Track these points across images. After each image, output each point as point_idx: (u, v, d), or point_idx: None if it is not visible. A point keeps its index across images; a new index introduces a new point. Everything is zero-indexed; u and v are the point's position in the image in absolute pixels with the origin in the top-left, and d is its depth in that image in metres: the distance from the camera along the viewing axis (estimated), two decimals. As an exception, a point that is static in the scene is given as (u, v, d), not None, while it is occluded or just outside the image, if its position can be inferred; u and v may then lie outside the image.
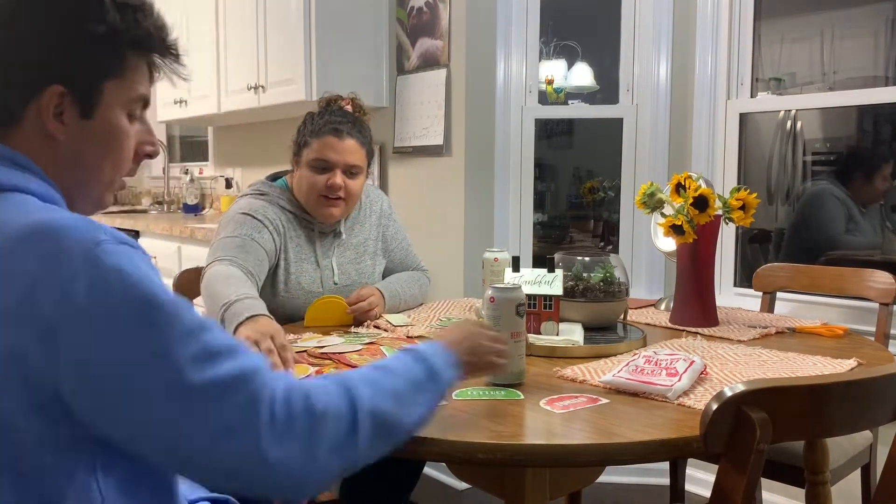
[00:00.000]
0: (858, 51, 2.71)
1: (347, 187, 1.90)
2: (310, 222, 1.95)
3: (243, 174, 4.22)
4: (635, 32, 2.89)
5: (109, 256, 0.76)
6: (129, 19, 0.89)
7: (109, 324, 0.75)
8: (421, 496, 2.01)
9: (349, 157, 1.89)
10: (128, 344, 0.75)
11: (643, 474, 2.84)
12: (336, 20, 3.05)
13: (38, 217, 0.79)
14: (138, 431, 0.78)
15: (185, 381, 0.76)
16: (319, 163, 1.88)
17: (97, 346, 0.75)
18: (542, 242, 3.49)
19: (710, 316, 1.82)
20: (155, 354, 0.76)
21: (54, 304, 0.74)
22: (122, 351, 0.75)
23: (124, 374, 0.75)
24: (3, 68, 0.87)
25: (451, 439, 1.02)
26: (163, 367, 0.76)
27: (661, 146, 2.85)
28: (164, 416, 0.76)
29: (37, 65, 0.86)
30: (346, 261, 2.00)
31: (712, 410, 0.89)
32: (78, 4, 0.87)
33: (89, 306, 0.74)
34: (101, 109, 0.90)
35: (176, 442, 0.77)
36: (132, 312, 0.76)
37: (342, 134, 1.88)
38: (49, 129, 0.87)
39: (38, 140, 0.88)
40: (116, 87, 0.90)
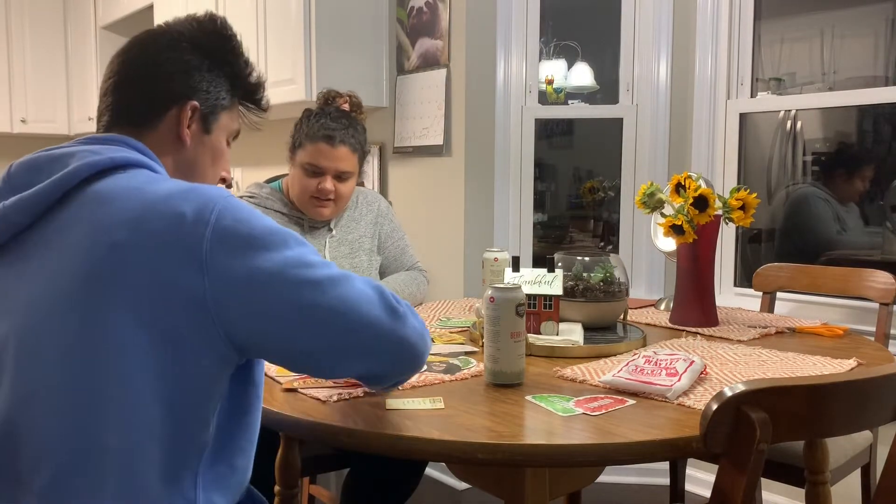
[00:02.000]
0: (858, 51, 2.70)
1: (337, 190, 1.95)
2: (300, 218, 2.02)
3: (243, 174, 4.22)
4: (635, 32, 2.89)
5: (240, 203, 0.96)
6: (247, 72, 1.16)
7: (253, 241, 0.92)
8: (421, 496, 2.01)
9: (340, 163, 1.93)
10: (270, 255, 0.93)
11: (643, 474, 2.84)
12: (336, 20, 3.05)
13: (181, 182, 0.98)
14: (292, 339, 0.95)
15: (314, 275, 0.94)
16: (311, 167, 1.93)
17: (246, 261, 0.91)
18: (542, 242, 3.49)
19: (710, 316, 1.82)
20: (285, 257, 0.93)
21: (205, 235, 0.90)
22: (267, 260, 0.92)
23: (267, 277, 0.92)
24: (158, 82, 1.08)
25: (451, 439, 1.02)
26: (293, 265, 0.94)
27: (661, 146, 2.85)
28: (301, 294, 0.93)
29: (184, 84, 1.09)
30: (341, 255, 2.04)
31: (712, 410, 0.89)
32: (221, 50, 1.13)
33: (234, 232, 0.92)
34: (216, 130, 1.14)
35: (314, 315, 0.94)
36: (269, 232, 0.94)
37: (334, 141, 1.92)
38: (181, 134, 1.09)
39: (168, 143, 1.09)
40: (226, 118, 1.15)
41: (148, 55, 1.10)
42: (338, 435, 1.08)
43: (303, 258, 0.95)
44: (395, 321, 1.00)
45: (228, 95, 1.14)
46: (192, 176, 1.12)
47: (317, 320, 0.94)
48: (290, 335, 0.95)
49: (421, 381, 1.29)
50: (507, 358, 1.27)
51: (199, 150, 1.12)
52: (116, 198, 0.94)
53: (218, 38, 1.13)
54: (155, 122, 1.08)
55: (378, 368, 1.03)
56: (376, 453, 1.08)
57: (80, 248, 0.92)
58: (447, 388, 1.27)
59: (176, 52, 1.09)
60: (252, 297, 0.92)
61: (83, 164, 0.96)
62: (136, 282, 0.89)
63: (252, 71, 1.17)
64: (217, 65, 1.12)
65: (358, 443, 1.07)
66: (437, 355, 1.48)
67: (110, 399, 0.89)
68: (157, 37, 1.11)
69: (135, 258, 0.90)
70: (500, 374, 1.27)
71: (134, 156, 1.01)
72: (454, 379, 1.32)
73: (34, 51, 4.71)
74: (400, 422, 1.09)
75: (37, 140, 4.75)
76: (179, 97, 1.09)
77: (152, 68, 1.09)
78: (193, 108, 1.09)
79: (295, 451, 1.35)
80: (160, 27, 1.14)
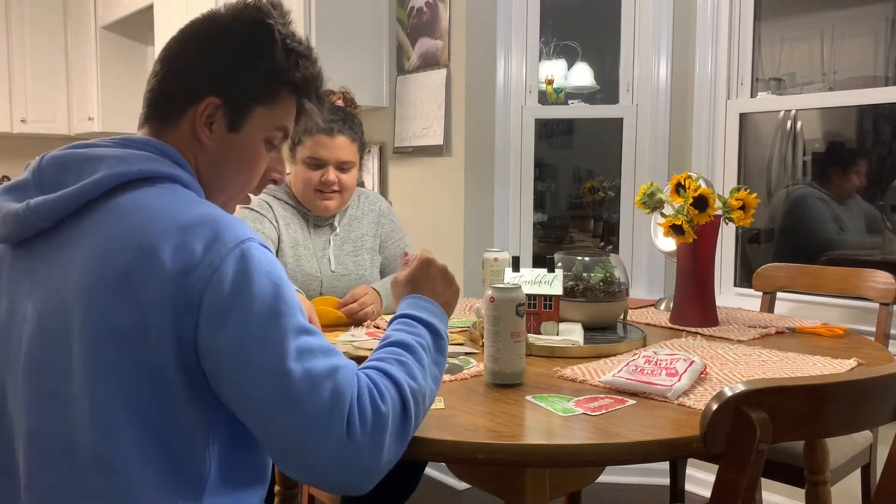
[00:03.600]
0: (858, 51, 2.70)
1: (341, 181, 1.99)
2: (305, 214, 2.05)
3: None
4: (635, 32, 2.89)
5: (255, 252, 0.91)
6: (293, 63, 1.05)
7: (244, 304, 0.88)
8: (421, 496, 2.01)
9: (340, 153, 1.97)
10: (253, 324, 0.88)
11: (643, 474, 2.84)
12: (336, 20, 3.05)
13: (206, 209, 0.94)
14: (244, 398, 0.90)
15: (287, 368, 0.88)
16: (312, 160, 1.97)
17: (231, 320, 0.88)
18: (542, 242, 3.49)
19: (710, 316, 1.82)
20: (271, 338, 0.89)
21: (206, 279, 0.88)
22: (248, 328, 0.88)
23: (244, 347, 0.88)
24: (177, 76, 1.03)
25: (451, 439, 1.02)
26: (274, 350, 0.89)
27: (661, 146, 2.85)
28: (265, 391, 0.88)
29: (202, 77, 1.02)
30: (344, 253, 2.07)
31: (712, 410, 0.89)
32: (253, 40, 1.03)
33: (232, 286, 0.88)
34: (246, 128, 1.04)
35: (270, 417, 0.89)
36: (265, 299, 0.89)
37: (333, 132, 1.96)
38: (198, 133, 1.02)
39: (189, 142, 1.03)
40: (264, 114, 1.05)
41: (180, 45, 1.04)
42: (338, 435, 1.08)
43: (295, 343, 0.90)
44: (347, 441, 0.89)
45: (268, 89, 1.04)
46: (217, 178, 1.06)
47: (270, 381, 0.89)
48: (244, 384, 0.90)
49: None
50: (507, 358, 1.26)
51: (224, 150, 1.04)
52: (136, 216, 0.91)
53: (255, 25, 1.03)
54: (176, 119, 1.03)
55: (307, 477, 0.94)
56: (376, 453, 1.08)
57: (90, 263, 0.90)
58: (447, 388, 1.27)
59: (204, 42, 1.03)
60: (231, 364, 0.89)
61: (110, 173, 0.94)
62: (131, 313, 0.88)
63: (300, 60, 1.06)
64: (252, 55, 1.03)
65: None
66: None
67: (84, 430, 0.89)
68: (197, 24, 1.05)
69: (136, 283, 0.88)
70: (500, 374, 1.27)
71: (163, 168, 0.98)
72: (454, 379, 1.32)
73: (34, 51, 4.70)
74: (400, 422, 1.09)
75: (37, 140, 4.75)
76: (201, 93, 1.02)
77: (178, 61, 1.04)
78: (213, 104, 1.02)
79: (295, 451, 1.34)
80: (205, 14, 1.06)
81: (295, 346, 0.90)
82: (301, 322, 0.92)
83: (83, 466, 0.89)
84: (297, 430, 0.88)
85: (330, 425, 0.88)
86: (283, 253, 1.98)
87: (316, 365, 0.90)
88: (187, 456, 0.92)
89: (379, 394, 0.93)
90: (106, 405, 0.88)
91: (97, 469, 0.89)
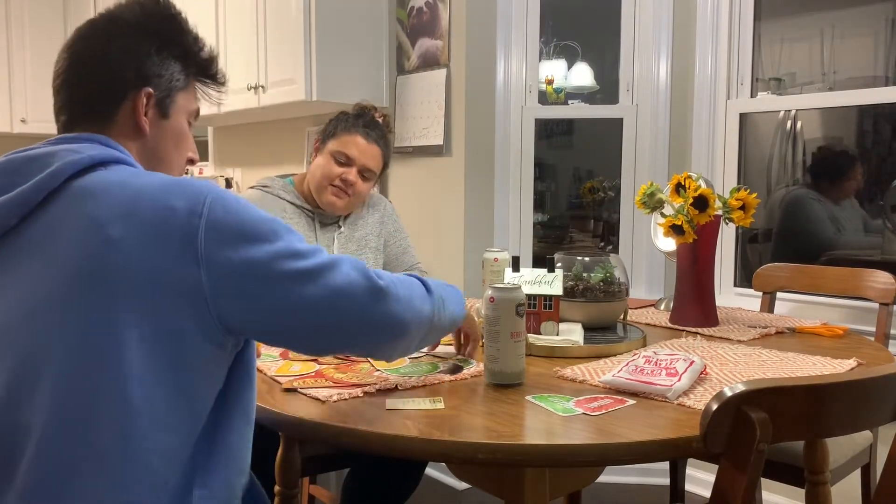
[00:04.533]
0: (858, 51, 2.70)
1: (357, 185, 2.00)
2: (311, 212, 2.05)
3: (243, 174, 4.22)
4: (635, 32, 2.89)
5: (229, 194, 0.99)
6: (198, 48, 1.14)
7: (245, 232, 0.95)
8: (421, 496, 2.01)
9: (369, 160, 2.01)
10: (260, 247, 0.95)
11: (643, 474, 2.84)
12: (336, 20, 3.05)
13: (166, 176, 0.99)
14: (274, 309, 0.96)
15: (305, 266, 0.97)
16: (341, 155, 1.99)
17: (238, 253, 0.94)
18: (542, 242, 3.49)
19: (710, 316, 1.82)
20: (276, 249, 0.96)
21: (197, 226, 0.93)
22: (257, 253, 0.95)
23: (260, 268, 0.95)
24: (109, 74, 1.06)
25: (451, 439, 1.02)
26: (283, 256, 0.96)
27: (661, 146, 2.85)
28: (292, 286, 0.96)
29: (133, 72, 1.07)
30: (348, 252, 2.09)
31: (712, 410, 0.89)
32: (172, 30, 1.11)
33: (225, 224, 0.94)
34: (174, 113, 1.12)
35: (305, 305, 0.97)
36: (260, 221, 0.97)
37: (370, 137, 2.01)
38: (139, 123, 1.08)
39: (129, 133, 1.08)
40: (183, 99, 1.13)
41: (94, 47, 1.07)
42: (338, 435, 1.08)
43: (292, 248, 0.98)
44: (378, 303, 1.02)
45: (182, 76, 1.12)
46: (157, 163, 1.11)
47: (307, 309, 0.98)
48: (283, 323, 0.98)
49: (421, 381, 1.29)
50: (507, 358, 1.27)
51: (160, 136, 1.11)
52: (103, 192, 0.94)
53: (162, 18, 1.11)
54: (113, 115, 1.07)
55: (370, 350, 1.09)
56: (376, 453, 1.08)
57: (73, 244, 0.92)
58: (447, 388, 1.27)
59: (123, 40, 1.07)
60: (246, 288, 0.94)
61: (66, 163, 0.97)
62: (133, 277, 0.91)
63: (203, 46, 1.15)
64: (165, 46, 1.10)
65: (358, 443, 1.07)
66: (435, 356, 1.48)
67: (112, 396, 0.90)
68: (101, 26, 1.09)
69: (130, 253, 0.91)
70: (500, 374, 1.27)
71: (112, 153, 1.02)
72: (454, 379, 1.32)
73: (34, 51, 4.70)
74: (400, 422, 1.09)
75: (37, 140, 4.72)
76: (133, 86, 1.07)
77: (101, 60, 1.07)
78: (148, 94, 1.08)
79: (295, 451, 1.35)
80: (103, 15, 1.11)
81: (314, 265, 0.98)
82: (300, 241, 1.01)
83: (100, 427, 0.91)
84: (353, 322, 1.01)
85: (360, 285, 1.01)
86: None
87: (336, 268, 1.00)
88: (195, 413, 0.97)
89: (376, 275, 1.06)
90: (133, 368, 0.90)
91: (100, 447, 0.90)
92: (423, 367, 1.38)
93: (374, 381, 1.27)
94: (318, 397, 1.19)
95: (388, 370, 1.36)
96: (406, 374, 1.33)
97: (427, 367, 1.38)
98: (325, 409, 1.15)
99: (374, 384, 1.26)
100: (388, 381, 1.28)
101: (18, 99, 4.66)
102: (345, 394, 1.20)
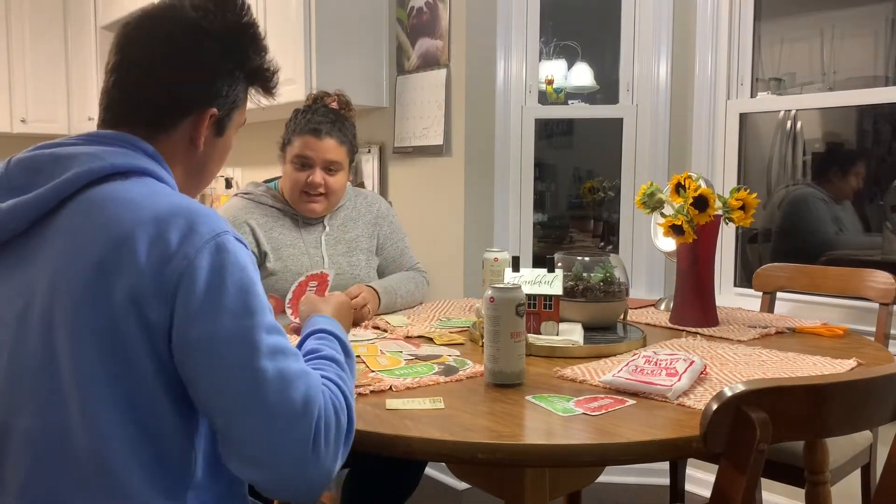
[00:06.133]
0: (858, 51, 2.70)
1: (327, 183, 1.99)
2: (294, 214, 2.05)
3: (243, 174, 4.21)
4: (635, 32, 2.89)
5: (230, 246, 0.92)
6: (266, 64, 1.10)
7: (219, 298, 0.89)
8: (421, 496, 2.01)
9: (327, 154, 1.98)
10: (227, 319, 0.89)
11: (643, 474, 2.84)
12: (336, 20, 3.05)
13: (180, 200, 0.95)
14: (213, 394, 0.89)
15: (260, 365, 0.89)
16: (299, 160, 1.98)
17: (204, 313, 0.88)
18: (542, 242, 3.49)
19: (710, 316, 1.82)
20: (243, 334, 0.89)
21: (181, 270, 0.88)
22: (221, 322, 0.89)
23: (217, 341, 0.88)
24: (181, 85, 1.03)
25: (451, 439, 1.02)
26: (247, 346, 0.89)
27: (661, 146, 2.85)
28: (235, 387, 0.88)
29: (206, 90, 1.04)
30: (338, 253, 2.06)
31: (712, 410, 0.89)
32: (248, 44, 1.07)
33: (207, 279, 0.89)
34: (228, 129, 1.10)
35: (238, 415, 0.89)
36: (239, 295, 0.90)
37: (320, 133, 1.97)
38: (196, 141, 1.05)
39: (182, 147, 1.05)
40: (238, 115, 1.11)
41: (170, 48, 1.02)
42: (338, 435, 1.08)
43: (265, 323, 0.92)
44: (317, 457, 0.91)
45: (244, 93, 1.10)
46: (200, 177, 1.11)
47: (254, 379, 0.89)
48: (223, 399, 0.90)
49: (416, 382, 1.28)
50: (507, 358, 1.27)
51: (211, 153, 1.10)
52: (110, 208, 0.92)
53: (241, 29, 1.06)
54: (170, 127, 1.03)
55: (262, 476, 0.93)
56: (376, 453, 1.08)
57: (64, 259, 0.91)
58: (447, 388, 1.27)
59: (201, 51, 1.02)
60: (203, 358, 0.89)
61: (83, 170, 0.94)
62: (108, 307, 0.88)
63: (270, 60, 1.11)
64: (239, 62, 1.06)
65: (358, 443, 1.06)
66: (430, 357, 1.48)
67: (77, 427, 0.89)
68: (177, 23, 1.02)
69: (113, 284, 0.88)
70: (500, 374, 1.27)
71: (138, 162, 0.98)
72: (451, 380, 1.32)
73: (34, 51, 4.70)
74: (400, 422, 1.09)
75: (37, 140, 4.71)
76: (200, 104, 1.04)
77: (176, 67, 1.02)
78: (213, 115, 1.05)
79: (295, 451, 1.34)
80: (183, 17, 1.03)
81: (267, 345, 0.90)
82: (272, 321, 0.94)
83: (79, 464, 0.89)
84: (265, 429, 0.88)
85: (299, 429, 0.89)
86: (274, 257, 1.97)
87: (289, 366, 0.91)
88: (174, 453, 0.93)
89: (337, 406, 0.94)
90: (96, 403, 0.89)
91: (92, 467, 0.89)
92: (418, 368, 1.38)
93: (369, 383, 1.27)
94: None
95: (383, 371, 1.35)
96: (401, 375, 1.33)
97: (422, 369, 1.38)
98: (325, 409, 1.15)
99: (368, 385, 1.26)
100: (382, 382, 1.28)
101: (18, 99, 4.66)
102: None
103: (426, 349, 1.54)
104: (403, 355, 1.47)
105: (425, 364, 1.41)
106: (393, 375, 1.32)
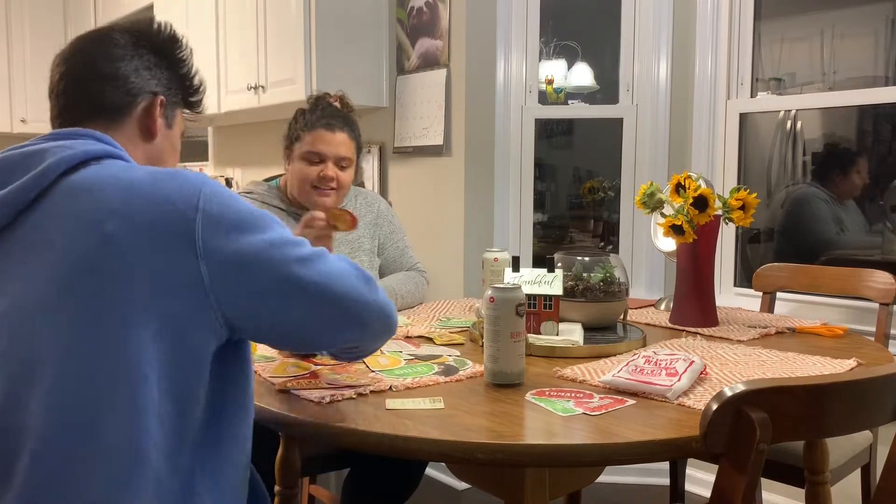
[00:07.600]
0: (858, 51, 2.70)
1: (339, 178, 1.99)
2: (298, 215, 2.02)
3: (243, 174, 4.22)
4: (635, 32, 2.89)
5: (220, 187, 1.00)
6: (193, 76, 1.20)
7: (237, 224, 0.96)
8: (421, 496, 2.01)
9: (340, 149, 1.98)
10: (251, 231, 0.97)
11: (643, 474, 2.84)
12: (336, 20, 3.05)
13: (156, 168, 1.00)
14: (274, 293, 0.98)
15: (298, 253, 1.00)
16: (312, 155, 1.97)
17: (231, 238, 0.95)
18: (542, 242, 3.49)
19: (709, 316, 1.82)
20: (271, 237, 0.98)
21: (199, 220, 0.94)
22: (249, 240, 0.96)
23: (256, 257, 0.96)
24: (126, 77, 1.10)
25: (451, 439, 1.02)
26: (279, 244, 0.98)
27: (661, 146, 2.85)
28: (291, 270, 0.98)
29: (150, 79, 1.12)
30: (341, 254, 2.03)
31: (712, 410, 0.89)
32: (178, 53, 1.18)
33: (221, 215, 0.96)
34: (174, 126, 1.17)
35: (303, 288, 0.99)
36: (251, 212, 0.99)
37: (333, 128, 1.98)
38: (152, 127, 1.12)
39: (137, 136, 1.12)
40: (180, 117, 1.19)
41: (109, 52, 1.10)
42: (338, 435, 1.08)
43: (286, 237, 1.00)
44: (371, 291, 1.05)
45: (181, 98, 1.18)
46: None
47: (305, 293, 0.99)
48: (282, 310, 0.99)
49: (416, 382, 1.28)
50: (507, 358, 1.26)
51: (164, 143, 1.15)
52: (97, 187, 0.95)
53: (171, 40, 1.17)
54: (123, 117, 1.10)
55: (362, 336, 1.08)
56: (376, 453, 1.08)
57: (67, 243, 0.92)
58: (447, 389, 1.27)
59: (138, 50, 1.12)
60: (246, 277, 0.95)
61: (57, 159, 0.97)
62: (132, 273, 0.91)
63: (197, 75, 1.22)
64: (172, 66, 1.16)
65: (358, 443, 1.07)
66: (430, 357, 1.48)
67: (114, 392, 0.90)
68: (111, 36, 1.12)
69: (128, 249, 0.91)
70: (500, 374, 1.27)
71: (105, 148, 1.03)
72: (450, 380, 1.32)
73: (34, 51, 4.70)
74: (400, 422, 1.09)
75: (37, 140, 4.74)
76: (147, 91, 1.11)
77: (118, 63, 1.10)
78: (161, 102, 1.12)
79: (295, 451, 1.34)
80: (107, 28, 1.15)
81: (288, 239, 1.00)
82: (290, 233, 1.03)
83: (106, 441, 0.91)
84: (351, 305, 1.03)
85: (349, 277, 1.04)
86: None
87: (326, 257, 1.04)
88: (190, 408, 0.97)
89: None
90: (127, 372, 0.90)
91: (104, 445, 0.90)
92: (418, 368, 1.38)
93: (369, 383, 1.27)
94: (310, 399, 1.19)
95: (383, 371, 1.35)
96: (401, 375, 1.33)
97: (422, 369, 1.38)
98: (326, 410, 1.15)
99: (368, 385, 1.26)
100: (382, 382, 1.28)
101: (18, 99, 4.67)
102: (337, 395, 1.20)
103: (426, 349, 1.54)
104: (403, 355, 1.47)
105: (425, 364, 1.41)
106: (393, 375, 1.32)
